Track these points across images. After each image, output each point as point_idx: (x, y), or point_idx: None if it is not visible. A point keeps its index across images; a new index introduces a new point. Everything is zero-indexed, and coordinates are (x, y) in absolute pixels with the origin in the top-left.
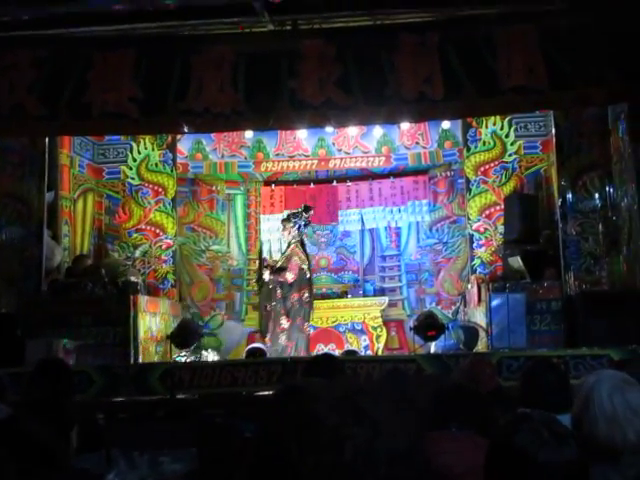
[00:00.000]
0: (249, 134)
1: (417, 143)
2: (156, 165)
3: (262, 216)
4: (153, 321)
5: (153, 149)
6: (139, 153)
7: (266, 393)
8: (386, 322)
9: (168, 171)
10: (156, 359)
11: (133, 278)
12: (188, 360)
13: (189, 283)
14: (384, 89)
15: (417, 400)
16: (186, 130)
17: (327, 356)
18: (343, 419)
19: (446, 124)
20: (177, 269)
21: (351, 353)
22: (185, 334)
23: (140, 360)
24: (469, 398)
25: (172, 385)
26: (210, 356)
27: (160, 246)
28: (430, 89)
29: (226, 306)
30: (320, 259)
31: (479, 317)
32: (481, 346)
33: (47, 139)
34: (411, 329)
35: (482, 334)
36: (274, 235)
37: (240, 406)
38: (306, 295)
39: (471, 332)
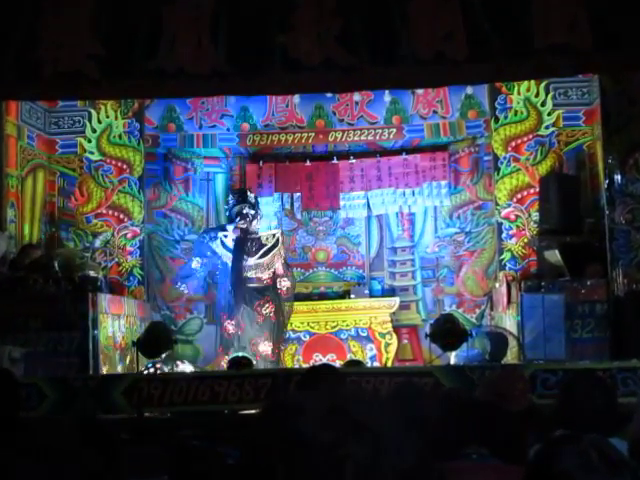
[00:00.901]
0: (232, 100)
1: (435, 112)
2: (120, 137)
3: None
4: (116, 325)
5: (116, 118)
6: (99, 122)
7: (253, 412)
8: (397, 328)
9: (134, 144)
10: (120, 370)
11: (92, 273)
12: (159, 372)
13: (160, 280)
14: (395, 47)
15: (430, 417)
16: (156, 94)
17: (326, 367)
18: (340, 436)
19: (470, 90)
20: (145, 263)
21: (355, 364)
22: (155, 340)
23: (101, 371)
24: (495, 417)
25: (139, 401)
26: (186, 368)
27: (125, 235)
28: (451, 47)
29: (205, 308)
30: (317, 252)
31: (508, 322)
32: (511, 357)
33: None
34: (427, 336)
35: (512, 342)
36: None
37: (221, 427)
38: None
39: (499, 340)
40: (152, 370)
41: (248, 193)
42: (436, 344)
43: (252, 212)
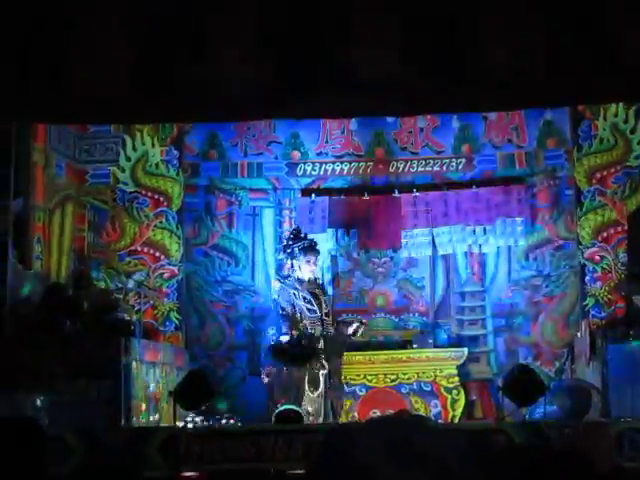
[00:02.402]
0: (281, 126)
1: (509, 141)
2: (157, 166)
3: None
4: (151, 373)
5: (153, 145)
6: (134, 150)
7: (302, 471)
8: (465, 382)
9: (173, 174)
10: (155, 423)
11: (125, 316)
12: (198, 425)
13: (199, 325)
14: (466, 65)
15: (501, 474)
16: (197, 118)
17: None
18: (402, 468)
19: (549, 115)
20: (183, 306)
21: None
22: (194, 390)
23: (134, 423)
24: (577, 475)
25: (177, 457)
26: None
27: (161, 275)
28: (528, 65)
29: (248, 358)
30: (376, 296)
31: (592, 376)
32: (594, 414)
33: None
34: (499, 389)
35: (596, 398)
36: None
37: None
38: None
39: (581, 395)
40: (191, 424)
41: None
42: (509, 399)
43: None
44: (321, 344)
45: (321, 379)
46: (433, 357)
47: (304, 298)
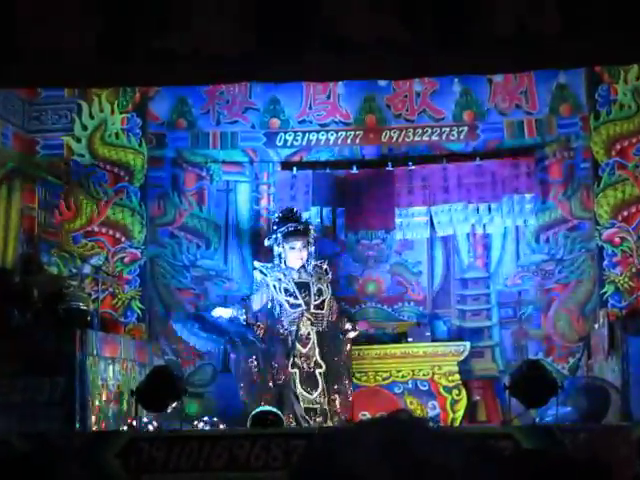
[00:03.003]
0: (258, 90)
1: (518, 107)
2: (117, 136)
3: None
4: (110, 370)
5: (113, 112)
6: (92, 117)
7: None
8: (467, 381)
9: (135, 145)
10: (114, 426)
11: (80, 305)
12: (163, 429)
13: (164, 316)
14: (468, 22)
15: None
16: (164, 82)
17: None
18: (399, 474)
19: (562, 78)
20: (147, 294)
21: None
22: (159, 389)
23: (90, 427)
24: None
25: (138, 466)
26: (198, 426)
27: (122, 259)
28: (538, 20)
29: (219, 352)
30: (366, 283)
31: (610, 374)
32: (613, 416)
33: None
34: (505, 388)
35: (615, 398)
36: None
37: None
38: None
39: (598, 395)
40: (154, 427)
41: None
42: (517, 399)
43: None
44: (312, 339)
45: (319, 378)
46: (431, 352)
47: (286, 291)
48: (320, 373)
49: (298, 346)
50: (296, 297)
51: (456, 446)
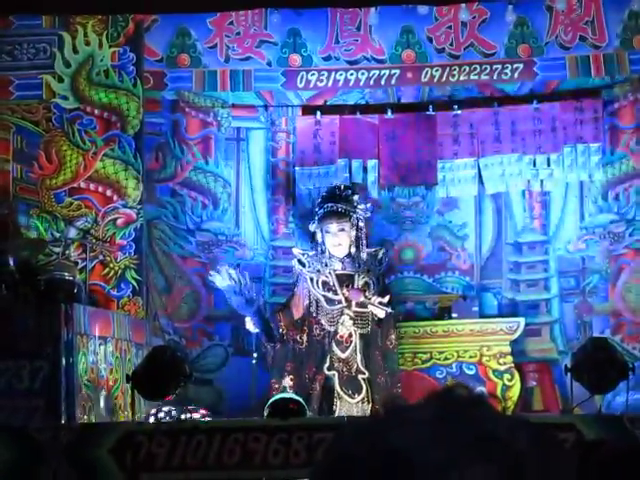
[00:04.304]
0: (275, 20)
1: (583, 39)
2: (107, 74)
3: (299, 170)
4: (101, 351)
5: (101, 45)
6: (75, 52)
7: None
8: (521, 364)
9: (129, 86)
10: (107, 418)
11: (66, 276)
12: (165, 420)
13: (165, 289)
14: None
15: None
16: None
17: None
18: (453, 453)
19: (637, 4)
20: (144, 263)
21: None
22: (159, 374)
23: (79, 419)
24: None
25: (136, 464)
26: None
27: (114, 221)
28: None
29: (233, 332)
30: (403, 249)
31: None
32: None
33: None
34: (567, 371)
35: None
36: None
37: None
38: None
39: None
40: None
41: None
42: (580, 383)
43: None
44: (353, 342)
45: (363, 383)
46: (479, 330)
47: (324, 284)
48: (364, 379)
49: (336, 349)
50: (335, 292)
51: (523, 426)
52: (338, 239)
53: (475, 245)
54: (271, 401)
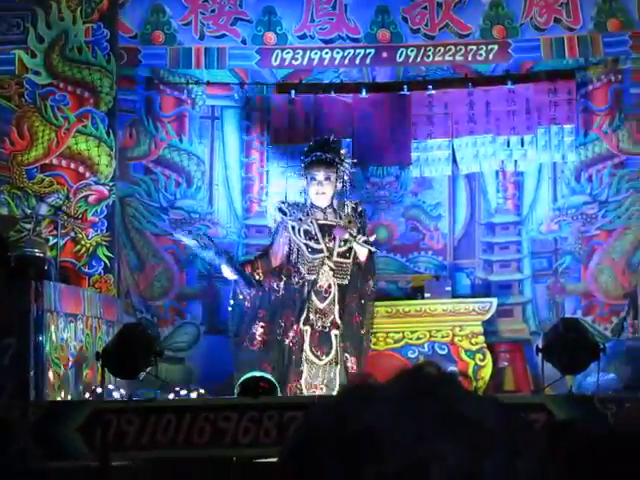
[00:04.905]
0: None
1: (557, 21)
2: (80, 50)
3: (273, 149)
4: (71, 329)
5: (75, 21)
6: (49, 28)
7: (275, 460)
8: (493, 344)
9: (102, 62)
10: (76, 396)
11: (36, 252)
12: (134, 398)
13: (137, 267)
14: None
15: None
16: None
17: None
18: (423, 428)
19: None
20: (116, 241)
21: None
22: (130, 352)
23: (47, 397)
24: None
25: (104, 442)
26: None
27: (86, 198)
28: None
29: (204, 310)
30: (376, 228)
31: None
32: None
33: None
34: (538, 351)
35: None
36: (294, 183)
37: None
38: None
39: None
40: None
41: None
42: (552, 364)
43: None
44: (332, 293)
45: (334, 341)
46: (451, 310)
47: (306, 233)
48: (336, 335)
49: (315, 299)
50: (317, 241)
51: (492, 406)
52: (323, 187)
53: (448, 225)
54: (242, 380)
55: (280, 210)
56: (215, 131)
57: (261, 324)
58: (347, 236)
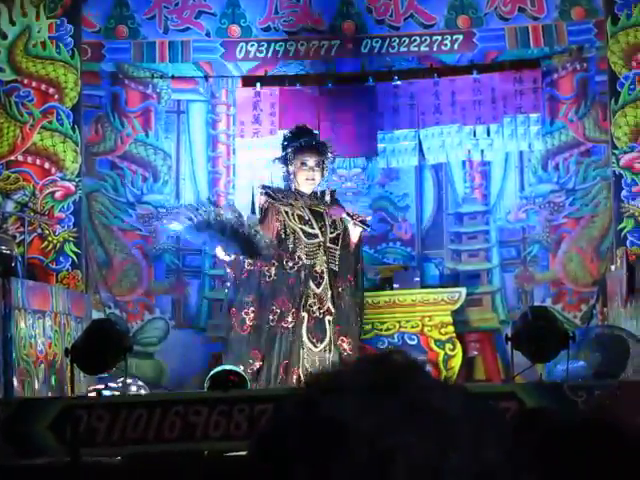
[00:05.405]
0: None
1: (521, 10)
2: (44, 46)
3: (239, 141)
4: (40, 325)
5: (38, 16)
6: (12, 23)
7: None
8: (462, 334)
9: (67, 58)
10: (45, 393)
11: (3, 249)
12: (105, 393)
13: (105, 262)
14: None
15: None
16: None
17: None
18: (386, 421)
19: None
20: (83, 236)
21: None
22: (98, 348)
23: (17, 394)
24: (609, 449)
25: (75, 439)
26: (143, 391)
27: (52, 194)
28: None
29: (173, 304)
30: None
31: (630, 322)
32: (632, 370)
33: None
34: (507, 339)
35: (634, 349)
36: (261, 176)
37: (199, 477)
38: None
39: (616, 347)
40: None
41: None
42: (521, 352)
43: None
44: (325, 278)
45: (327, 327)
46: (420, 301)
47: (300, 218)
48: (329, 321)
49: (312, 284)
50: (312, 226)
51: (458, 392)
52: (313, 173)
53: (416, 216)
54: (211, 373)
55: (267, 195)
56: (181, 125)
57: (251, 309)
58: (344, 215)
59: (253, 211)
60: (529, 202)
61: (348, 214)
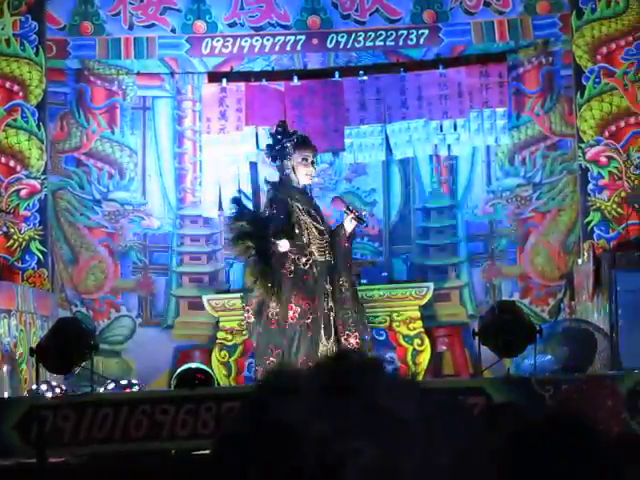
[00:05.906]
0: None
1: (487, 5)
2: (8, 43)
3: (206, 137)
4: (5, 325)
5: (2, 14)
6: None
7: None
8: (431, 329)
9: (31, 55)
10: (10, 393)
11: None
12: (70, 393)
13: (71, 260)
14: None
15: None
16: None
17: None
18: (339, 425)
19: None
20: (49, 234)
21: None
22: (64, 347)
23: None
24: (577, 442)
25: (41, 438)
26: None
27: (17, 192)
28: None
29: (140, 302)
30: None
31: (597, 316)
32: (600, 365)
33: None
34: (474, 334)
35: (602, 344)
36: (228, 173)
37: (166, 477)
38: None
39: (583, 341)
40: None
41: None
42: (488, 347)
43: None
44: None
45: (332, 322)
46: (388, 296)
47: (309, 212)
48: (334, 317)
49: (323, 281)
50: (320, 222)
51: (414, 392)
52: (312, 169)
53: (383, 211)
54: (178, 372)
55: (274, 188)
56: (147, 122)
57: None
58: (344, 208)
59: (220, 207)
60: (496, 196)
61: (348, 208)
